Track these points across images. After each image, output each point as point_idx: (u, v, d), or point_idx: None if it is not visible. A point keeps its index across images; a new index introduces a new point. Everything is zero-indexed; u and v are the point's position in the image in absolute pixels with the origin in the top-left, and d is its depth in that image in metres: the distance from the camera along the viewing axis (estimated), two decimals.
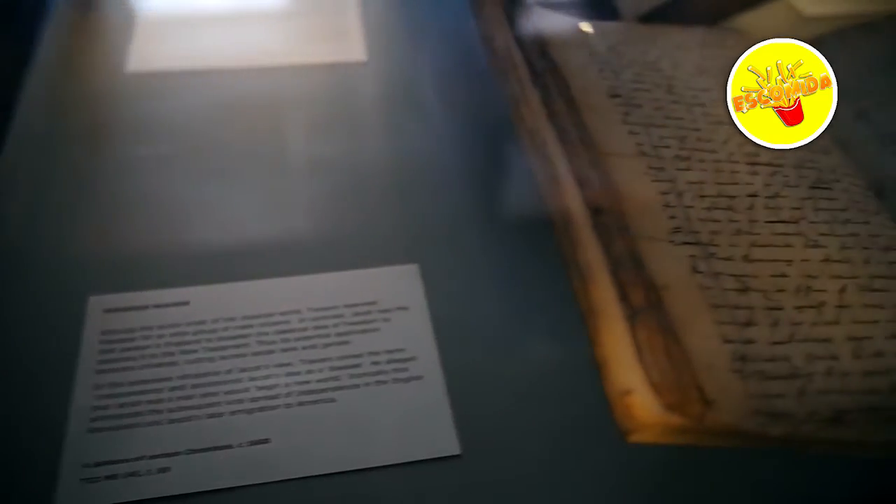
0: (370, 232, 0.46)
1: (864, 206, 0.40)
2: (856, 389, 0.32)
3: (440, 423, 0.38)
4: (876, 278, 0.36)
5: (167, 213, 0.46)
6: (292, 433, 0.38)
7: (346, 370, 0.40)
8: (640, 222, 0.36)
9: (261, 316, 0.42)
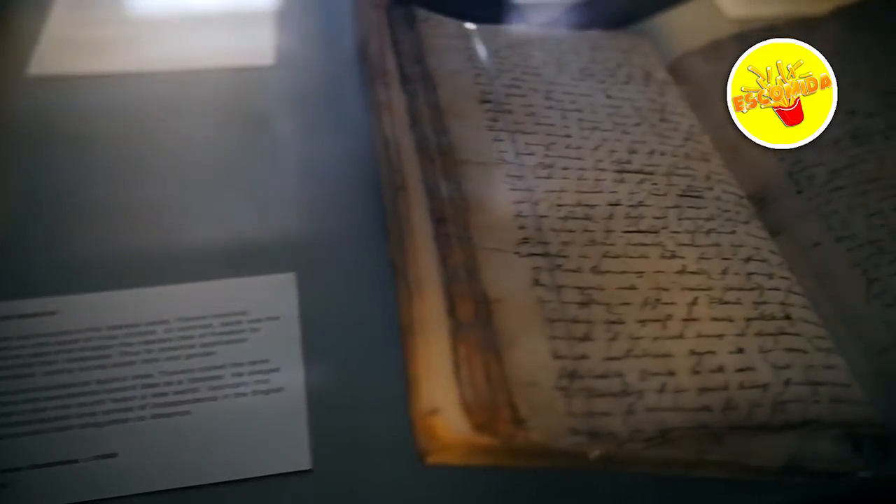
0: (248, 240, 0.45)
1: (733, 216, 0.39)
2: (688, 407, 0.31)
3: (295, 437, 0.37)
4: (730, 290, 0.35)
5: (39, 220, 0.45)
6: (142, 447, 0.37)
7: (207, 382, 0.39)
8: (487, 233, 0.35)
9: (126, 326, 0.41)
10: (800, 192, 0.42)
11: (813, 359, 0.33)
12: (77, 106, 0.53)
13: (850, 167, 0.42)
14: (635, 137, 0.42)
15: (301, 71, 0.56)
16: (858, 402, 0.32)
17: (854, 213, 0.40)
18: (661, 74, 0.47)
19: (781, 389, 0.32)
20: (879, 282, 0.38)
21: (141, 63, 0.57)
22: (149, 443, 0.37)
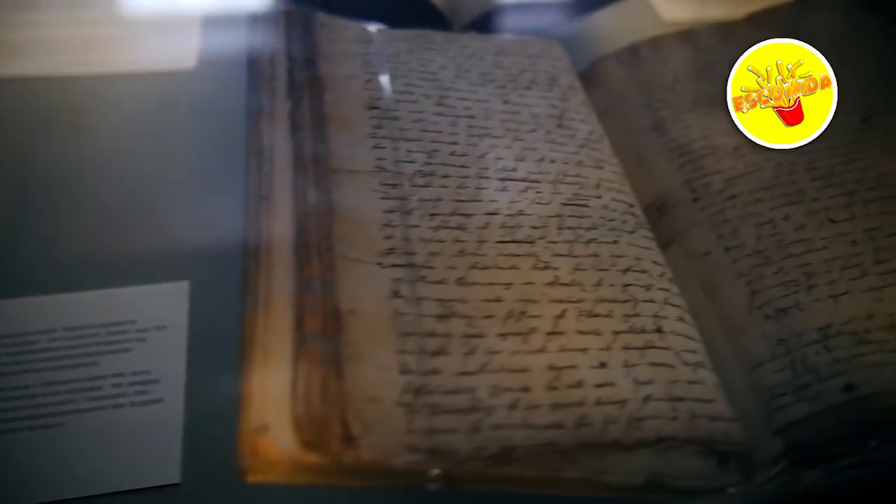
0: (143, 248, 0.44)
1: (618, 225, 0.38)
2: (538, 424, 0.30)
3: (167, 450, 0.37)
4: (602, 302, 0.34)
5: None
6: (12, 460, 0.36)
7: (85, 393, 0.39)
8: (350, 243, 0.34)
9: (11, 336, 0.41)
10: (695, 200, 0.41)
11: (679, 373, 0.33)
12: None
13: (746, 175, 0.42)
14: (527, 144, 0.41)
15: (218, 76, 0.55)
16: (719, 419, 0.32)
17: (745, 222, 0.40)
18: (568, 79, 0.46)
19: (640, 405, 0.31)
20: (762, 293, 0.37)
21: (55, 67, 0.56)
22: (19, 456, 0.36)
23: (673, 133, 0.45)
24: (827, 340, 0.35)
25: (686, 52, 0.49)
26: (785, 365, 0.35)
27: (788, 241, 0.38)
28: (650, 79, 0.48)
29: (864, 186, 0.40)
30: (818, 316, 0.36)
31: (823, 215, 0.39)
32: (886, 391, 0.33)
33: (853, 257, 0.37)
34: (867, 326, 0.35)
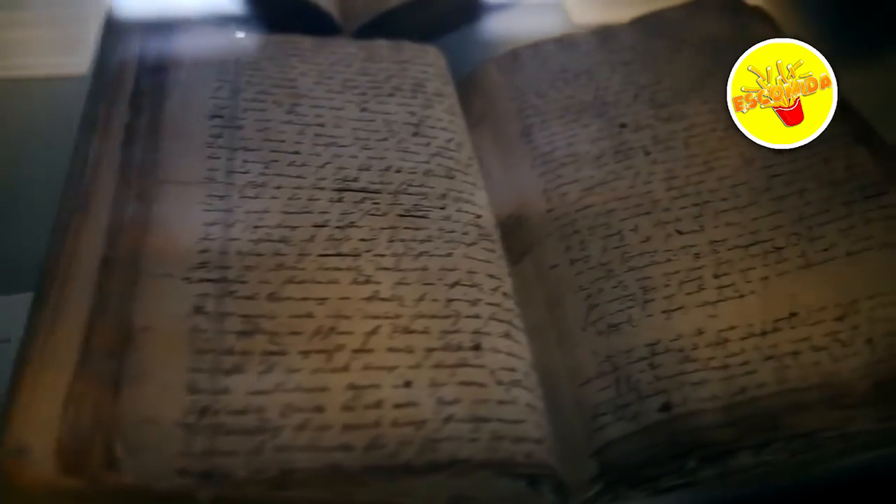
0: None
1: (457, 237, 0.37)
2: (325, 445, 0.29)
3: None
4: (421, 318, 0.33)
5: None
6: None
7: None
8: (160, 258, 0.33)
9: None
10: (550, 210, 0.40)
11: (489, 393, 0.32)
12: None
13: (604, 184, 0.41)
14: (375, 153, 0.40)
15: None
16: (524, 440, 0.31)
17: (594, 234, 0.39)
18: (436, 85, 0.45)
19: (439, 426, 0.30)
20: (598, 308, 0.36)
21: None
22: None
23: (538, 141, 0.43)
24: (653, 358, 0.34)
25: (565, 56, 0.48)
26: (610, 383, 0.34)
27: (633, 253, 0.37)
28: (525, 84, 0.47)
29: (718, 197, 0.39)
30: (649, 332, 0.34)
31: (672, 227, 0.38)
32: (702, 410, 0.32)
33: (693, 271, 0.36)
34: (695, 343, 0.34)
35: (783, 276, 0.35)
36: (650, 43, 0.48)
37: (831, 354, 0.33)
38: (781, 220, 0.37)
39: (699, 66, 0.45)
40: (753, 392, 0.32)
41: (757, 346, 0.33)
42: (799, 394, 0.32)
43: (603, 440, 0.32)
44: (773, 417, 0.31)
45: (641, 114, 0.44)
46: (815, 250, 0.36)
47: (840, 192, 0.38)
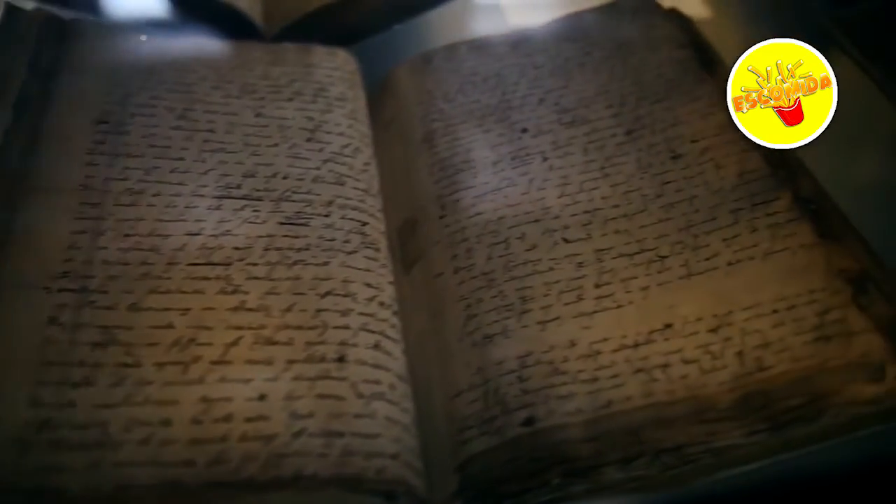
0: None
1: (338, 245, 0.36)
2: (167, 461, 0.28)
3: None
4: (286, 329, 0.33)
5: None
6: None
7: None
8: (19, 267, 0.33)
9: None
10: (442, 217, 0.40)
11: (347, 406, 0.31)
12: None
13: (497, 191, 0.40)
14: (263, 160, 0.39)
15: None
16: (377, 455, 0.30)
17: (481, 242, 0.38)
18: (340, 89, 0.45)
19: (288, 441, 0.30)
20: (476, 318, 0.35)
21: None
22: None
23: (439, 146, 0.43)
24: (523, 370, 0.33)
25: (477, 60, 0.47)
26: (478, 396, 0.33)
27: (517, 262, 0.37)
28: (434, 88, 0.46)
29: (610, 204, 0.38)
30: (522, 344, 0.34)
31: (560, 234, 0.37)
32: (565, 425, 0.31)
33: (575, 280, 0.35)
34: (565, 355, 0.33)
35: (664, 287, 0.35)
36: (562, 46, 0.47)
37: (701, 367, 0.32)
38: (668, 228, 0.37)
39: (607, 69, 0.45)
40: (619, 406, 0.31)
41: (628, 358, 0.32)
42: (663, 408, 0.31)
43: (467, 454, 0.32)
44: (636, 432, 0.31)
45: (544, 118, 0.43)
46: (697, 260, 0.35)
47: (729, 199, 0.37)
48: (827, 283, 0.33)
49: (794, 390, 0.31)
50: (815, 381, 0.31)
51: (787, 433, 0.31)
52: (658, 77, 0.43)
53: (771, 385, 0.31)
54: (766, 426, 0.31)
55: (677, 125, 0.41)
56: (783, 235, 0.35)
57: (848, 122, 0.49)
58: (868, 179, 0.46)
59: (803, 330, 0.32)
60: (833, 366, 0.31)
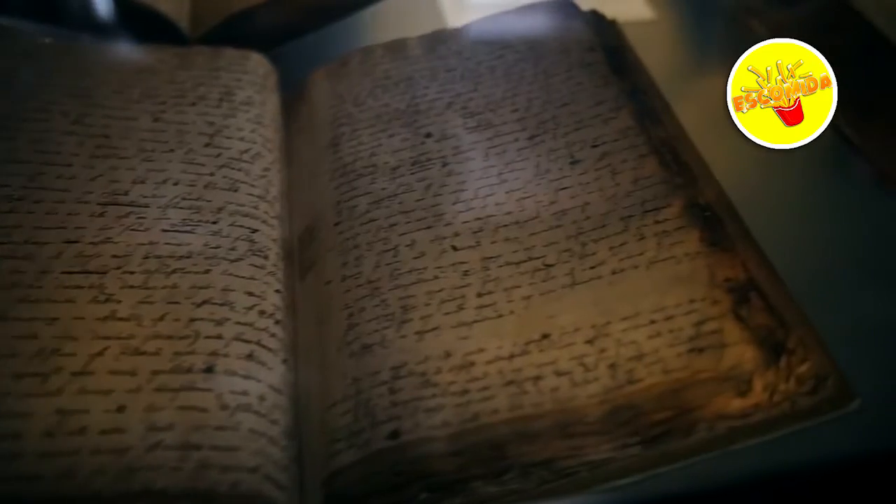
0: None
1: (220, 253, 0.36)
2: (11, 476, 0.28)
3: None
4: (155, 339, 0.32)
5: None
6: None
7: None
8: None
9: None
10: (338, 223, 0.39)
11: (209, 418, 0.30)
12: None
13: (393, 197, 0.39)
14: (155, 166, 0.39)
15: None
16: (235, 469, 0.29)
17: (372, 249, 0.37)
18: (248, 93, 0.44)
19: (142, 454, 0.29)
20: (358, 327, 0.34)
21: None
22: None
23: (344, 150, 0.42)
24: (395, 382, 0.32)
25: (392, 63, 0.46)
26: (350, 407, 0.32)
27: (403, 270, 0.36)
28: (346, 92, 0.45)
29: (503, 211, 0.37)
30: (398, 354, 0.33)
31: (449, 242, 0.37)
32: (430, 438, 0.30)
33: (458, 289, 0.35)
34: (439, 367, 0.32)
35: (546, 296, 0.34)
36: (476, 49, 0.46)
37: (573, 380, 0.31)
38: (558, 235, 0.36)
39: (517, 72, 0.44)
40: (485, 419, 0.30)
41: (501, 370, 0.32)
42: (529, 421, 0.30)
43: (334, 468, 0.31)
44: (501, 446, 0.30)
45: (450, 123, 0.42)
46: (583, 268, 0.34)
47: (621, 205, 0.36)
48: (707, 293, 0.32)
49: (661, 404, 0.30)
50: (683, 395, 0.30)
51: (662, 447, 0.30)
52: (567, 80, 0.43)
53: (639, 398, 0.30)
54: (636, 440, 0.30)
55: (580, 129, 0.40)
56: (669, 244, 0.34)
57: None
58: (783, 186, 0.45)
59: (678, 341, 0.31)
60: (702, 378, 0.30)
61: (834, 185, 0.45)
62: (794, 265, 0.40)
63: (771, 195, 0.45)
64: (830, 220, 0.43)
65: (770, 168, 0.47)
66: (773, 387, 0.30)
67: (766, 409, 0.30)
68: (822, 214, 0.44)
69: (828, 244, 0.42)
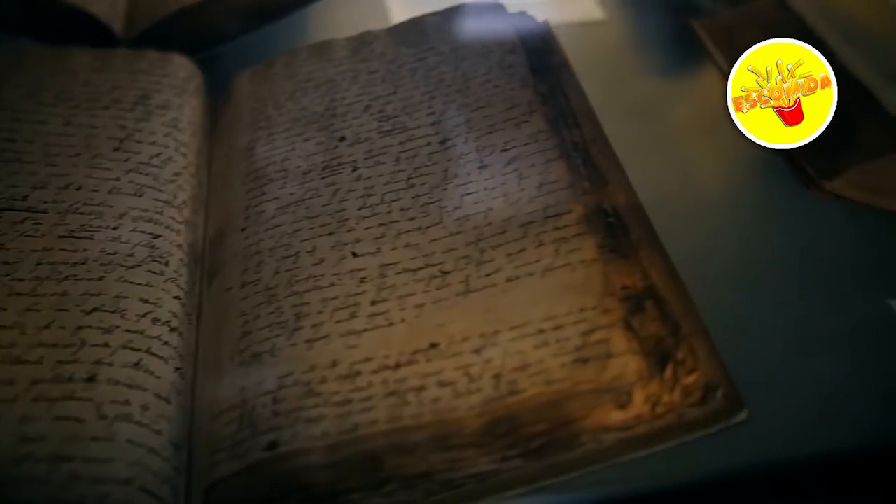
0: None
1: (118, 259, 0.35)
2: None
3: None
4: (38, 348, 0.32)
5: None
6: None
7: None
8: None
9: None
10: (244, 229, 0.38)
11: (86, 429, 0.30)
12: None
13: (300, 202, 0.38)
14: (59, 170, 0.38)
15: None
16: (106, 481, 0.29)
17: (273, 255, 0.37)
18: (165, 97, 0.43)
19: (9, 467, 0.28)
20: (250, 335, 0.34)
21: None
22: None
23: (258, 155, 0.41)
24: (279, 391, 0.32)
25: (315, 65, 0.46)
26: (235, 417, 0.32)
27: (301, 277, 0.35)
28: (268, 95, 0.45)
29: (407, 216, 0.37)
30: (286, 363, 0.32)
31: (350, 248, 0.36)
32: (308, 449, 0.30)
33: (353, 297, 0.34)
34: (324, 376, 0.32)
35: (439, 304, 0.33)
36: (400, 51, 0.45)
37: (455, 390, 0.30)
38: (458, 242, 0.35)
39: (437, 75, 0.43)
40: (363, 430, 0.30)
41: (386, 380, 0.31)
42: (406, 433, 0.30)
43: (214, 478, 0.30)
44: (376, 458, 0.29)
45: (365, 126, 0.42)
46: (478, 276, 0.34)
47: (523, 211, 0.36)
48: (599, 301, 0.32)
49: (539, 415, 0.29)
50: (563, 406, 0.29)
51: (548, 459, 0.30)
52: (485, 83, 0.42)
53: (518, 410, 0.29)
54: (516, 452, 0.29)
55: (492, 133, 0.39)
56: (566, 251, 0.34)
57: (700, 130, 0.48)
58: (709, 191, 0.45)
59: (564, 351, 0.30)
60: (583, 390, 0.29)
61: (764, 191, 0.45)
62: (709, 272, 0.40)
63: (696, 200, 0.44)
64: (754, 226, 0.43)
65: (698, 172, 0.47)
66: (655, 398, 0.29)
67: (649, 420, 0.29)
68: (746, 221, 0.43)
69: (749, 251, 0.42)
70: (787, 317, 0.39)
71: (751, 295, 0.39)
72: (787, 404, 0.34)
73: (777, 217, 0.44)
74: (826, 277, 0.41)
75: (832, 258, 0.42)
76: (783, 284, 0.40)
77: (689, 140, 0.47)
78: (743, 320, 0.38)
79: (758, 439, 0.32)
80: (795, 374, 0.35)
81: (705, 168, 0.46)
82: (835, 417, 0.34)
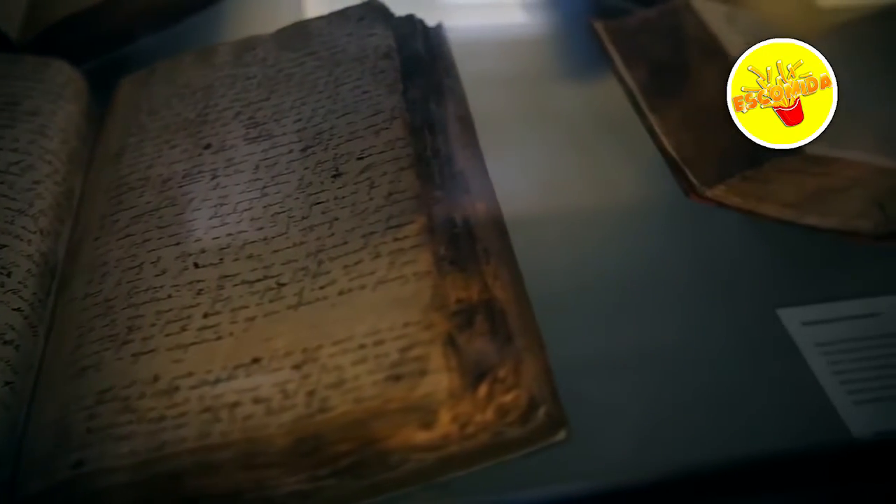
0: None
1: None
2: None
3: None
4: None
5: None
6: None
7: None
8: None
9: None
10: (97, 238, 0.37)
11: None
12: None
13: (154, 212, 0.38)
14: None
15: None
16: None
17: (119, 266, 0.36)
18: (36, 103, 0.42)
19: None
20: (81, 349, 0.33)
21: None
22: None
23: (125, 162, 0.41)
24: (97, 407, 0.31)
25: (196, 71, 0.45)
26: (50, 433, 0.31)
27: (141, 288, 0.34)
28: (144, 101, 0.44)
29: (255, 227, 0.36)
30: (109, 377, 0.32)
31: (193, 259, 0.35)
32: (114, 468, 0.29)
33: (187, 309, 0.33)
34: (143, 391, 0.31)
35: (270, 317, 0.32)
36: (281, 56, 0.45)
37: (269, 407, 0.30)
38: (299, 253, 0.34)
39: (311, 81, 0.42)
40: (171, 449, 0.29)
41: (203, 395, 0.30)
42: (213, 452, 0.29)
43: (21, 497, 0.30)
44: (179, 477, 0.28)
45: (232, 134, 0.41)
46: (312, 288, 0.33)
47: (367, 222, 0.35)
48: (423, 316, 0.31)
49: (345, 434, 0.28)
50: (369, 425, 0.28)
51: (365, 479, 0.29)
52: (354, 89, 0.41)
53: (325, 428, 0.29)
54: (327, 472, 0.28)
55: (351, 141, 0.38)
56: (402, 262, 0.33)
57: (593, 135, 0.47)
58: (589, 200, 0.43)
59: (379, 368, 0.30)
60: (390, 409, 0.28)
61: (650, 199, 0.44)
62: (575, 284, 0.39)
63: (576, 209, 0.43)
64: (636, 237, 0.42)
65: (585, 179, 0.46)
66: (466, 417, 0.28)
67: (459, 441, 0.28)
68: (629, 231, 0.42)
69: (628, 262, 0.40)
70: (668, 328, 0.38)
71: (621, 307, 0.38)
72: (654, 420, 0.33)
73: (662, 226, 0.43)
74: (711, 287, 0.40)
75: (719, 268, 0.41)
76: (664, 295, 0.39)
77: (578, 146, 0.46)
78: (612, 333, 0.37)
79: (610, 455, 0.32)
80: (667, 388, 0.34)
81: (592, 175, 0.45)
82: (717, 430, 0.33)
